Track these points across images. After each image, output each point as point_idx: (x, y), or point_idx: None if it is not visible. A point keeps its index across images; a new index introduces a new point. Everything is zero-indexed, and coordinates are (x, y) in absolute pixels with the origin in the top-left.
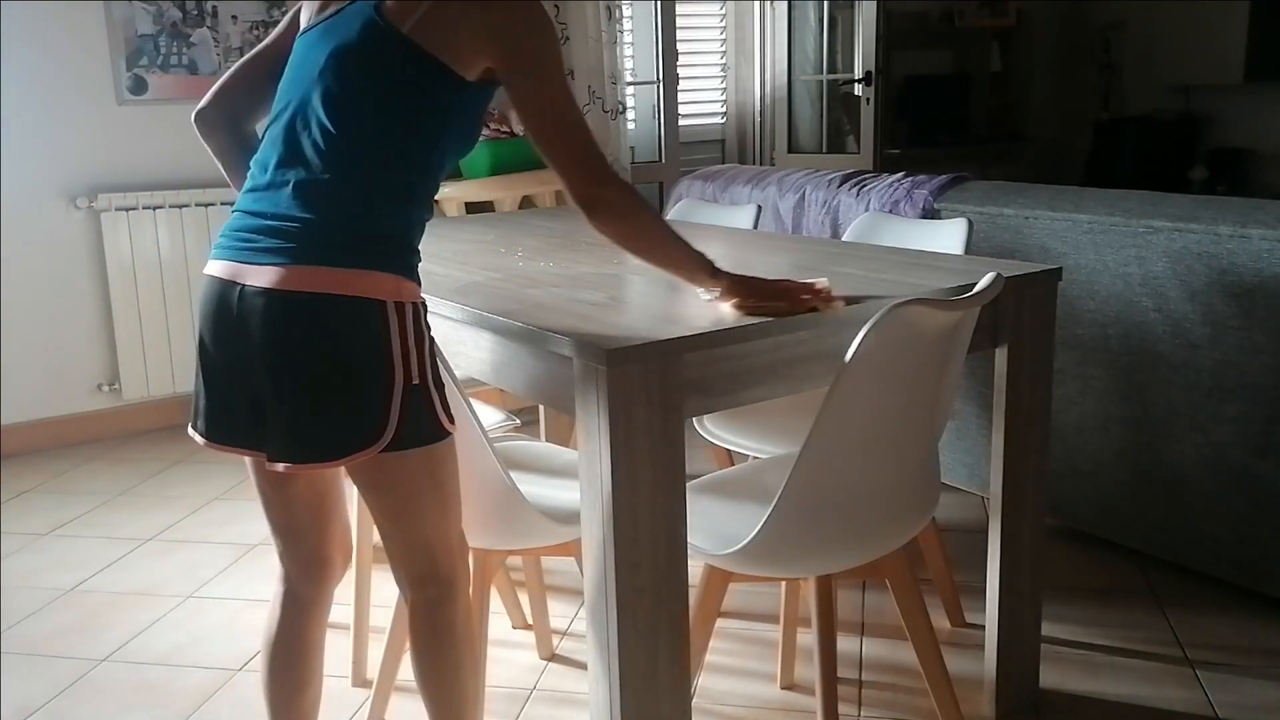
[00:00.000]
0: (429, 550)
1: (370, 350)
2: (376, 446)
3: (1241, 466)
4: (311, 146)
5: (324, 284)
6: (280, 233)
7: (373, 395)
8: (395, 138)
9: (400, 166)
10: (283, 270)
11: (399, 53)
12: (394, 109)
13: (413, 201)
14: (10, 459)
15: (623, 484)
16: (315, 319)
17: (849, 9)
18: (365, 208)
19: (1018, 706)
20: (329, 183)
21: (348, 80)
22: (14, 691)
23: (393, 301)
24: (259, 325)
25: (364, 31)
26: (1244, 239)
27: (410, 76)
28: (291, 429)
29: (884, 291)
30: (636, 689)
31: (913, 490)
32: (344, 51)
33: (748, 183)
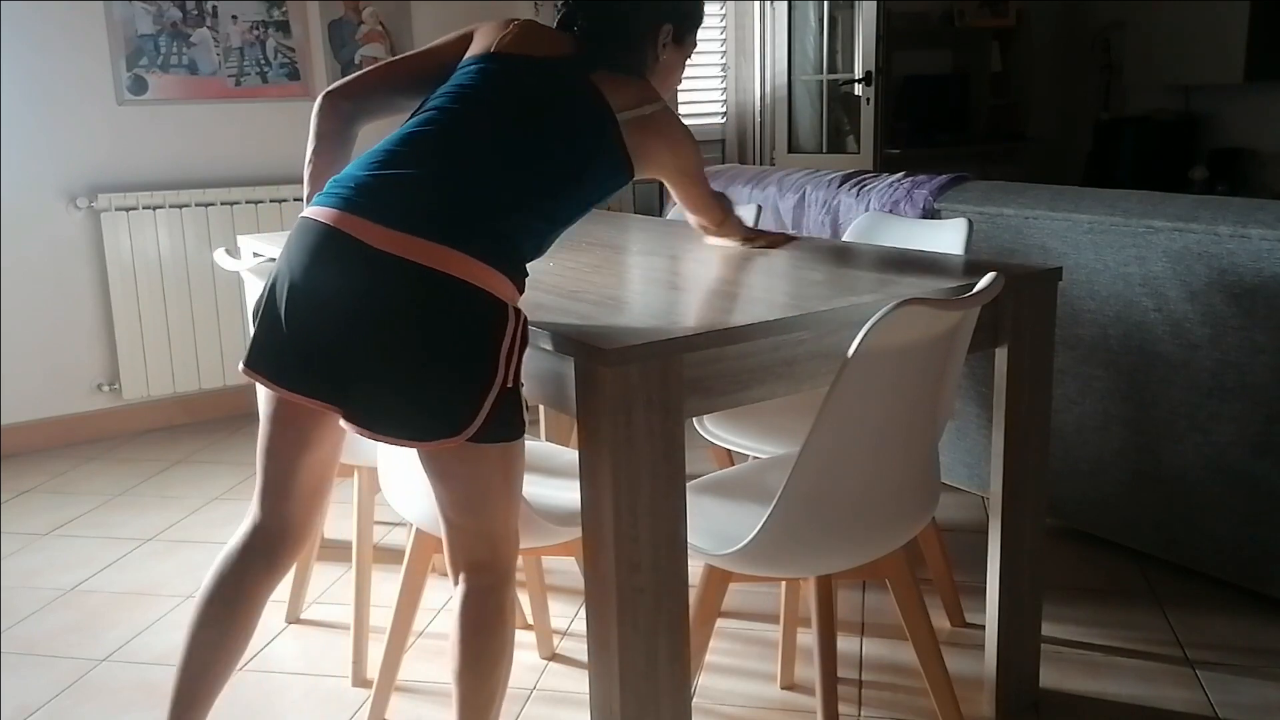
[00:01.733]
0: (492, 540)
1: (486, 343)
2: (462, 437)
3: (1241, 466)
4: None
5: (461, 269)
6: (420, 203)
7: (474, 389)
8: (568, 181)
9: (553, 212)
10: (415, 241)
11: (606, 127)
12: (580, 171)
13: (542, 237)
14: (10, 459)
15: (623, 484)
16: (444, 298)
17: (849, 9)
18: (513, 227)
19: (1018, 706)
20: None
21: (552, 122)
22: (14, 691)
23: (512, 306)
24: (384, 290)
25: (582, 92)
26: (1244, 239)
27: (605, 148)
28: (385, 399)
29: (884, 291)
30: (636, 689)
31: (913, 490)
32: (555, 99)
33: (748, 183)
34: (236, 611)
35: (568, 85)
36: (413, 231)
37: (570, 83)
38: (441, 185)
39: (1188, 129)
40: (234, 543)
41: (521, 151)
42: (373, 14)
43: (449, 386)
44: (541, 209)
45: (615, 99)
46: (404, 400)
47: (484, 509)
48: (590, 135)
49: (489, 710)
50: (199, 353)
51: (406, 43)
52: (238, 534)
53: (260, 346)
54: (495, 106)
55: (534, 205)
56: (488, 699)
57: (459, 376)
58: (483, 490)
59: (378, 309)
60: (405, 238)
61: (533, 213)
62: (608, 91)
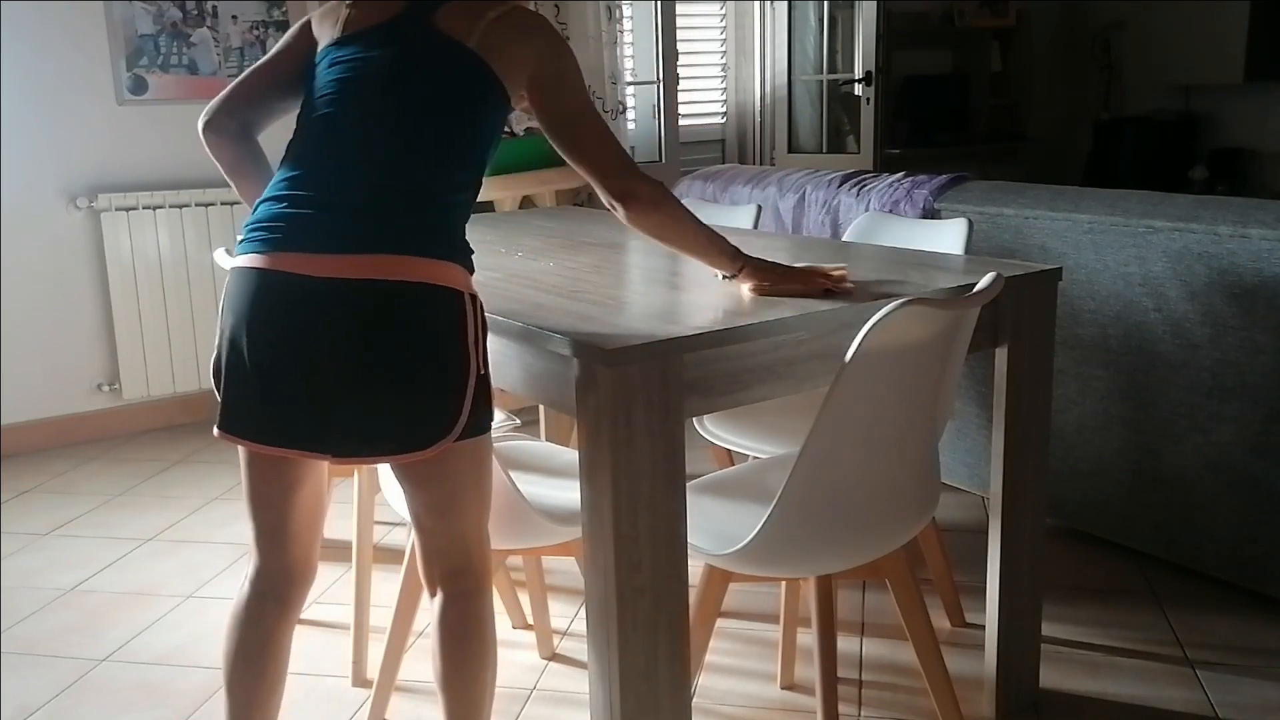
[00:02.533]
0: (466, 542)
1: (453, 339)
2: (453, 435)
3: (1241, 466)
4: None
5: (410, 272)
6: (340, 222)
7: (453, 385)
8: (464, 141)
9: (462, 169)
10: (352, 259)
11: (466, 63)
12: (463, 113)
13: (468, 204)
14: (10, 459)
15: (623, 484)
16: (403, 306)
17: (849, 9)
18: (438, 206)
19: (1018, 706)
20: (404, 181)
21: (417, 85)
22: (14, 691)
23: (467, 293)
24: (327, 316)
25: (428, 41)
26: (1244, 239)
27: (475, 86)
28: (373, 420)
29: (884, 291)
30: (636, 689)
31: (913, 490)
32: (408, 58)
33: (748, 183)
34: (265, 661)
35: (416, 41)
36: (346, 250)
37: (417, 37)
38: (354, 195)
39: (1188, 129)
40: (242, 594)
41: (411, 132)
42: None
43: (431, 390)
44: (455, 179)
45: (459, 28)
46: (390, 417)
47: (458, 511)
48: (457, 81)
49: (478, 716)
50: (199, 353)
51: None
52: (244, 584)
53: (231, 408)
54: (368, 98)
55: (447, 179)
56: (475, 705)
57: (438, 378)
58: (457, 491)
59: (338, 337)
60: (342, 259)
61: (450, 186)
62: (451, 26)
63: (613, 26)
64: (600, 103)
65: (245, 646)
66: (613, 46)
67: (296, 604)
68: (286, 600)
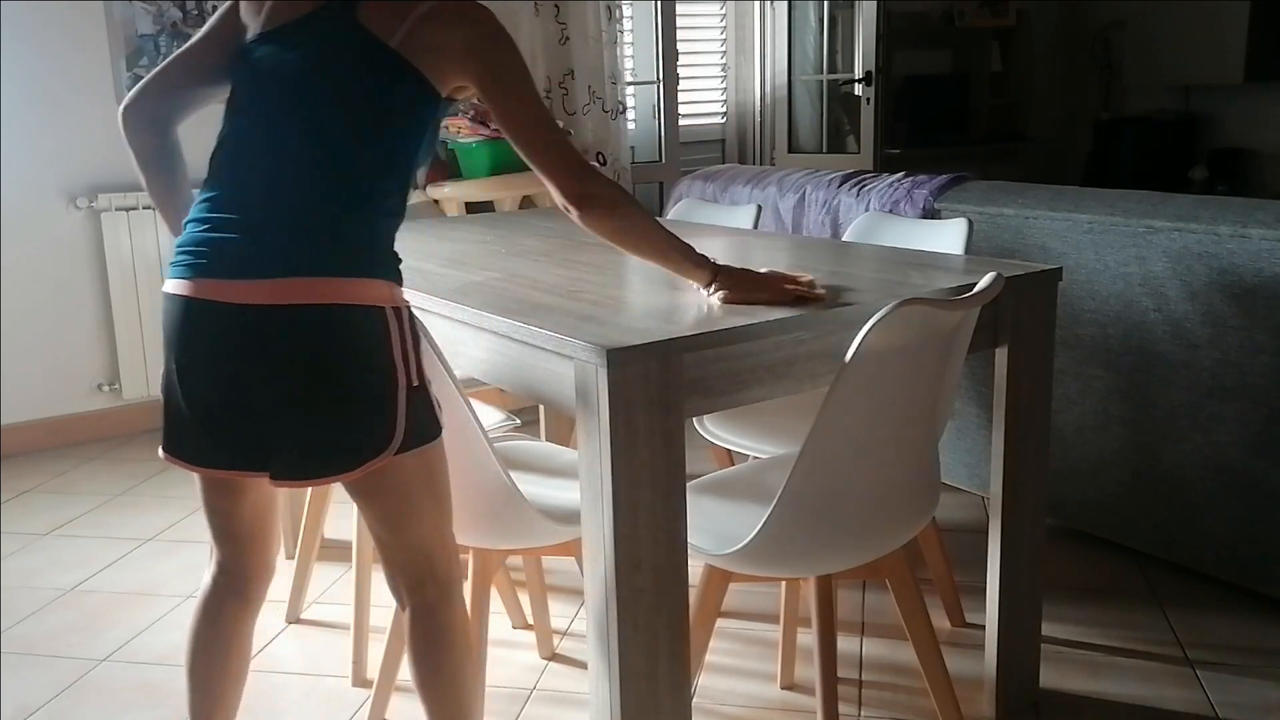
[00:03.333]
0: (427, 551)
1: (377, 355)
2: (390, 450)
3: (1241, 466)
4: (295, 155)
5: (329, 294)
6: (260, 246)
7: (382, 400)
8: (385, 148)
9: (388, 175)
10: (273, 284)
11: (387, 65)
12: (382, 122)
13: (395, 212)
14: (10, 459)
15: (623, 484)
16: (317, 330)
17: (849, 9)
18: (359, 217)
19: (1018, 706)
20: (318, 193)
21: (332, 89)
22: (14, 691)
23: (390, 307)
24: (253, 342)
25: (347, 41)
26: (1244, 239)
27: (397, 89)
28: (306, 443)
29: (884, 291)
30: (636, 689)
31: (913, 490)
32: (325, 60)
33: (748, 183)
34: (227, 654)
35: (334, 41)
36: (265, 275)
37: (336, 36)
38: (272, 216)
39: (1188, 129)
40: (205, 588)
41: (328, 143)
42: None
43: (360, 409)
44: (377, 188)
45: (383, 24)
46: (323, 438)
47: (412, 523)
48: (377, 85)
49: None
50: None
51: None
52: (204, 582)
53: (172, 430)
54: (284, 108)
55: (368, 189)
56: (458, 710)
57: (366, 396)
58: (408, 504)
59: (263, 363)
60: (261, 285)
61: (372, 196)
62: (375, 21)
63: (613, 26)
64: (600, 103)
65: (207, 639)
66: (613, 46)
67: (257, 599)
68: (247, 595)
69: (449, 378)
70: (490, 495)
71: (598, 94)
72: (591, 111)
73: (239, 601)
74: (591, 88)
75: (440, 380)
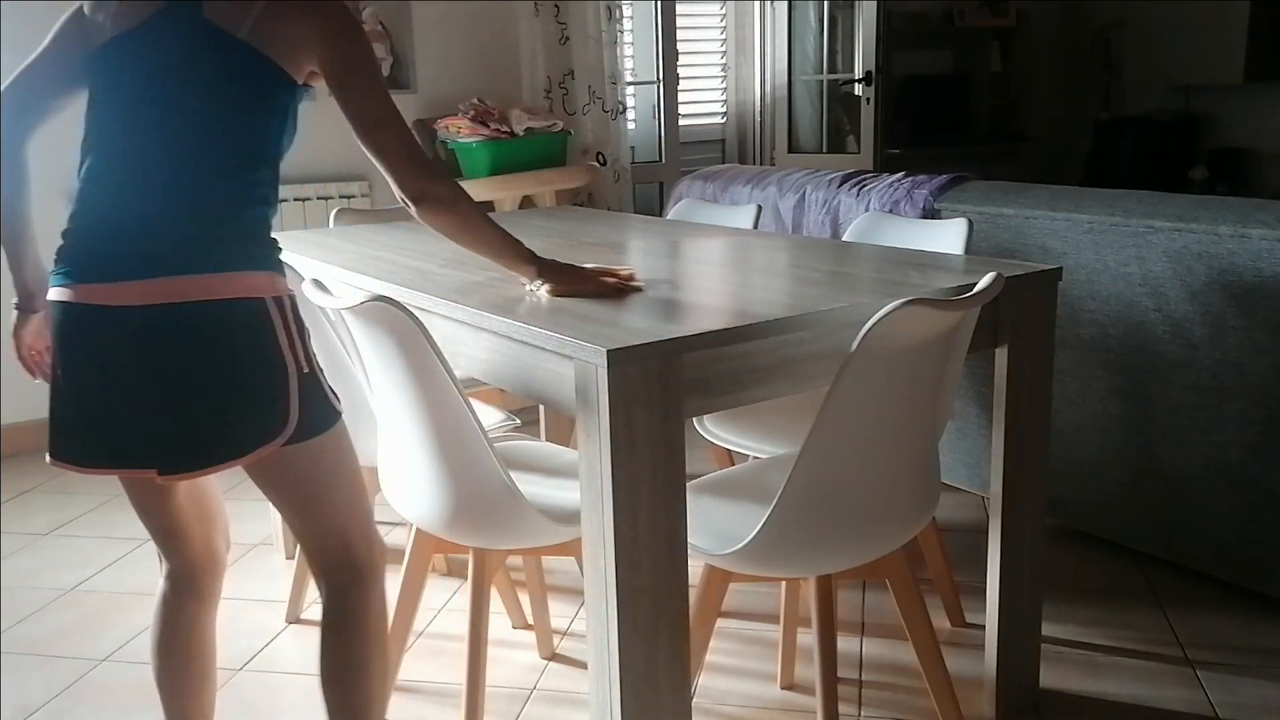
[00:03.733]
0: (343, 536)
1: (260, 346)
2: (282, 438)
3: (1241, 466)
4: (155, 156)
5: (200, 291)
6: (133, 248)
7: (271, 389)
8: (243, 141)
9: (251, 166)
10: (146, 285)
11: (237, 57)
12: (238, 112)
13: (268, 200)
14: (10, 459)
15: (623, 484)
16: (195, 327)
17: (849, 9)
18: (226, 212)
19: (1018, 706)
20: (183, 192)
21: (186, 86)
22: (14, 691)
23: (271, 297)
24: (129, 343)
25: (196, 37)
26: (1244, 239)
27: (249, 80)
28: (191, 436)
29: (884, 292)
30: (636, 689)
31: (913, 490)
32: (176, 58)
33: (748, 183)
34: (189, 653)
35: (183, 39)
36: (139, 276)
37: (184, 33)
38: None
39: (1188, 129)
40: (160, 590)
41: (187, 142)
42: (373, 14)
43: (247, 400)
44: (242, 180)
45: (229, 16)
46: (210, 431)
47: (325, 507)
48: (229, 78)
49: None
50: None
51: (406, 42)
52: (159, 585)
53: (58, 434)
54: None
55: (233, 182)
56: (360, 709)
57: (252, 383)
58: (311, 491)
59: (146, 362)
60: (138, 286)
61: (238, 188)
62: (219, 13)
63: (613, 26)
64: (600, 103)
65: (168, 640)
66: (613, 46)
67: (210, 594)
68: (199, 592)
69: (449, 378)
70: (490, 495)
71: (598, 94)
72: (591, 111)
73: (193, 599)
74: (591, 88)
75: (440, 380)
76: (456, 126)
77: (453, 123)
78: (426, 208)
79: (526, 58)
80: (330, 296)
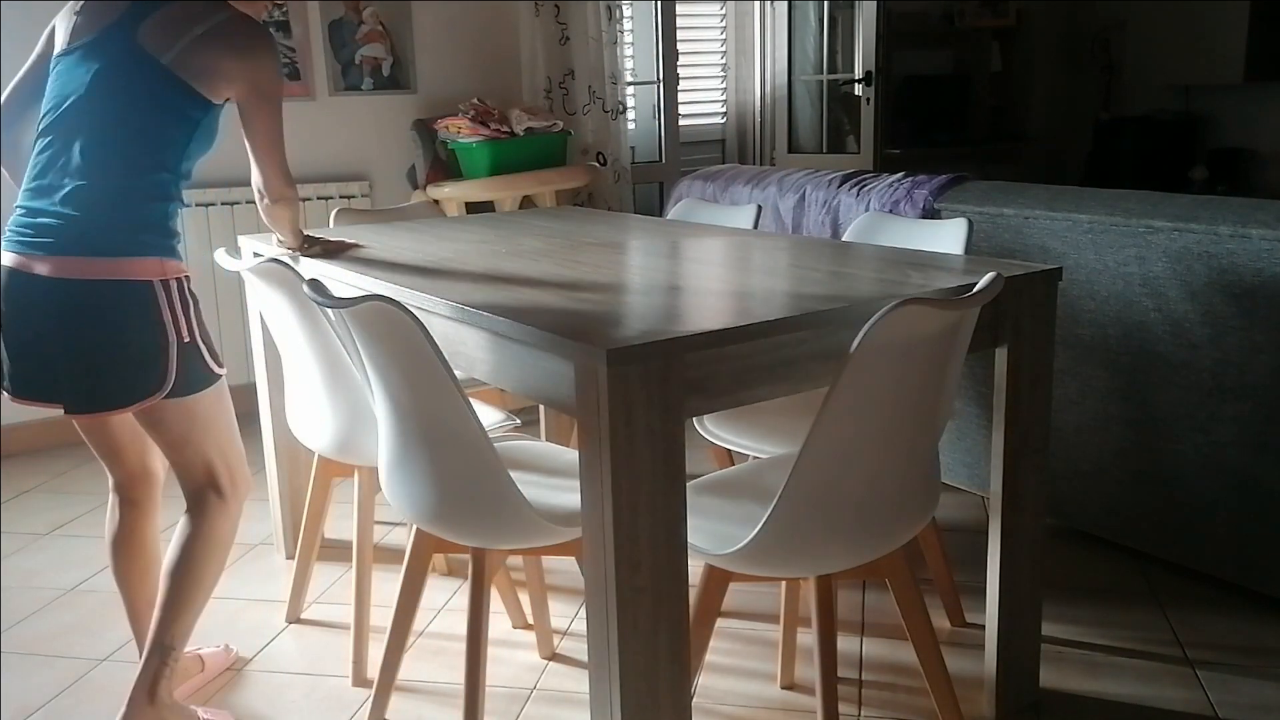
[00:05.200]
0: (209, 470)
1: (144, 320)
2: (160, 394)
3: (1241, 466)
4: (80, 154)
5: (98, 271)
6: (56, 229)
7: (152, 354)
8: (151, 147)
9: (156, 169)
10: (62, 260)
11: (158, 79)
12: (150, 124)
13: (168, 197)
14: (10, 459)
15: (623, 484)
16: (94, 300)
17: (849, 9)
18: (128, 206)
19: (1018, 706)
20: (96, 186)
21: (110, 99)
22: (14, 691)
23: (158, 280)
24: (48, 307)
25: (125, 58)
26: (1244, 239)
27: (166, 98)
28: (85, 387)
29: (884, 291)
30: (636, 689)
31: (913, 490)
32: (106, 74)
33: (748, 183)
34: (131, 549)
35: (115, 58)
36: (54, 253)
37: (117, 54)
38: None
39: (1188, 129)
40: (110, 510)
41: (104, 145)
42: (373, 14)
43: (132, 358)
44: (148, 179)
45: (156, 43)
46: (104, 382)
47: (196, 446)
48: (147, 96)
49: (186, 611)
50: None
51: (407, 42)
52: (110, 503)
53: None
54: (72, 116)
55: (139, 181)
56: (188, 600)
57: (136, 348)
58: (184, 434)
59: (53, 323)
60: (52, 260)
61: (142, 187)
62: (150, 39)
63: (613, 26)
64: (600, 103)
65: (115, 541)
66: (613, 46)
67: (147, 504)
68: (136, 501)
69: (449, 378)
70: (490, 495)
71: (598, 94)
72: (591, 111)
73: (130, 508)
74: (591, 88)
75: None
76: (456, 126)
77: (453, 123)
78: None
79: (526, 58)
80: (330, 296)
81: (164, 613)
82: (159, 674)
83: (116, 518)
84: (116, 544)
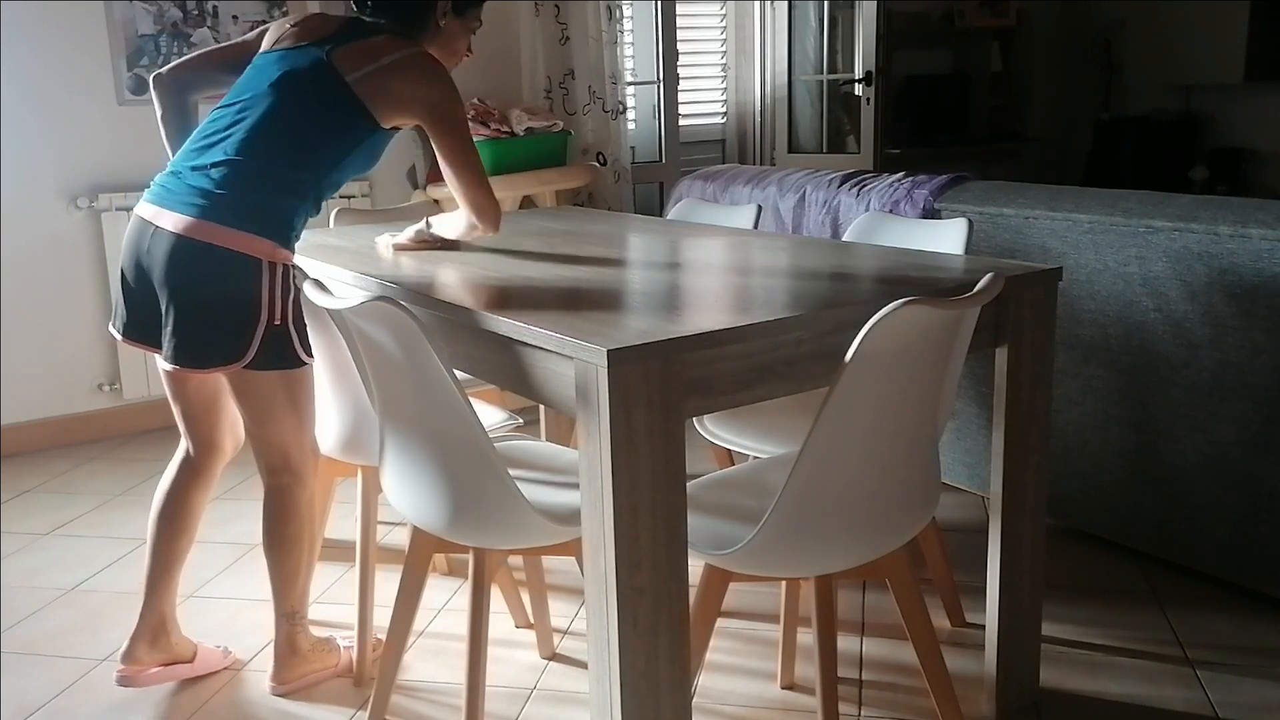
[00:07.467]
0: (284, 448)
1: (244, 293)
2: (238, 365)
3: (1241, 466)
4: (243, 136)
5: (216, 237)
6: (195, 192)
7: (241, 326)
8: (305, 148)
9: (300, 168)
10: (190, 221)
11: (335, 92)
12: (313, 128)
13: (302, 197)
14: (10, 459)
15: (623, 484)
16: (204, 263)
17: (849, 9)
18: (263, 189)
19: (1018, 706)
20: (242, 165)
21: (287, 96)
22: (14, 691)
23: (266, 260)
24: (162, 259)
25: (314, 68)
26: (1244, 239)
27: (337, 110)
28: (177, 341)
29: (884, 291)
30: (636, 689)
31: (913, 490)
32: (292, 76)
33: (748, 183)
34: (178, 514)
35: (307, 65)
36: (183, 212)
37: (309, 61)
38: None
39: (1188, 129)
40: (172, 463)
41: (269, 133)
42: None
43: (223, 325)
44: (293, 175)
45: (346, 65)
46: (193, 340)
47: (272, 422)
48: (322, 103)
49: (294, 582)
50: None
51: None
52: (172, 463)
53: (115, 312)
54: (252, 101)
55: (285, 175)
56: (291, 573)
57: (228, 316)
58: (268, 407)
59: (165, 275)
60: (178, 218)
61: (286, 180)
62: (342, 60)
63: (613, 26)
64: (600, 103)
65: (165, 492)
66: (613, 46)
67: (205, 474)
68: (197, 468)
69: (449, 378)
70: (490, 495)
71: (598, 94)
72: (591, 111)
73: (189, 470)
74: (591, 88)
75: (440, 380)
76: None
77: None
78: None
79: (526, 58)
80: (330, 296)
81: (274, 587)
82: (292, 634)
83: (174, 474)
84: (164, 497)
